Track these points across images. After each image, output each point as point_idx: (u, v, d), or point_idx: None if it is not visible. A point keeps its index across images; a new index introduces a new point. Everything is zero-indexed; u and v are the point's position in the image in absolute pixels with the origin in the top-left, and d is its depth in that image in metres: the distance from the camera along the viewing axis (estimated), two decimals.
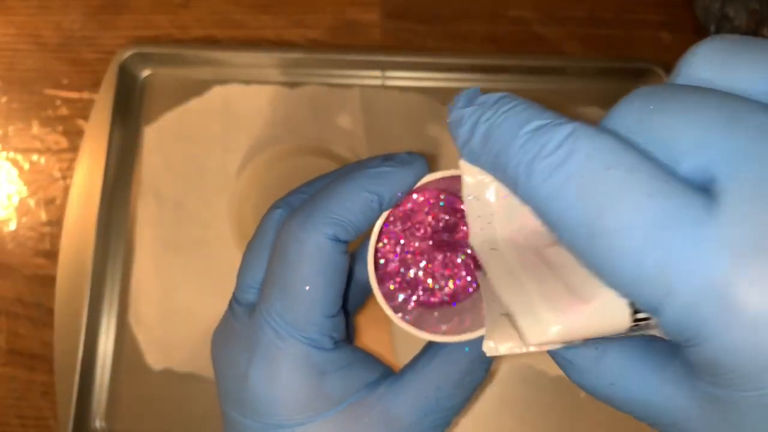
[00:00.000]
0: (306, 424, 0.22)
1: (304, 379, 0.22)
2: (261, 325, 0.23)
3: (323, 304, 0.22)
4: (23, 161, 0.44)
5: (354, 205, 0.22)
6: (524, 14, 0.46)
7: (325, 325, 0.23)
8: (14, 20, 0.46)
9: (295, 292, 0.22)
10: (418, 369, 0.24)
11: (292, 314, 0.22)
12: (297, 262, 0.22)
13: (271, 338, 0.22)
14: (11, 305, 0.42)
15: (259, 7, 0.46)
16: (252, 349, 0.23)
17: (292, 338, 0.22)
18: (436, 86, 0.44)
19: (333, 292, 0.23)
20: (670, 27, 0.46)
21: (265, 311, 0.23)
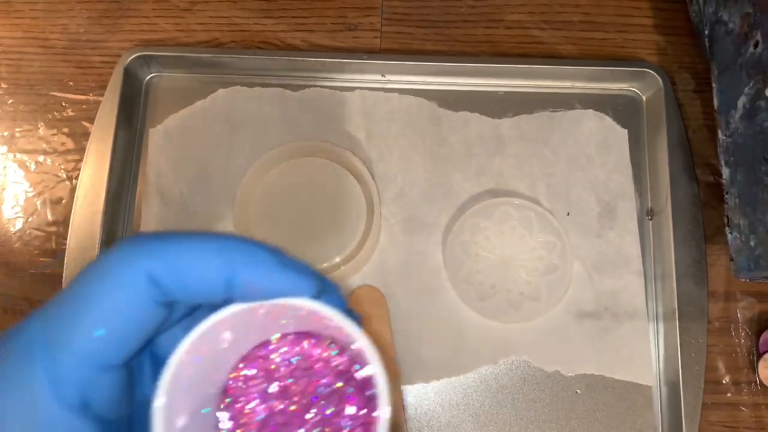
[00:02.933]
0: None
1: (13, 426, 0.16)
2: (20, 328, 0.18)
3: (98, 341, 0.17)
4: (30, 162, 0.45)
5: (197, 263, 0.18)
6: (521, 18, 0.47)
7: (83, 370, 0.17)
8: (21, 24, 0.47)
9: (73, 309, 0.17)
10: None
11: (55, 329, 0.17)
12: (95, 279, 0.18)
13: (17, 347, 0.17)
14: (18, 304, 0.43)
15: (262, 12, 0.47)
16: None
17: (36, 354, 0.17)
18: (435, 89, 0.45)
19: (119, 336, 0.17)
20: (665, 30, 0.47)
21: (34, 314, 0.18)
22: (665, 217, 0.42)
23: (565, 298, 0.41)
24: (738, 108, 0.38)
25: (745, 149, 0.37)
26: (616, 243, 0.42)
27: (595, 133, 0.44)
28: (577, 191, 0.43)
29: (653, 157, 0.44)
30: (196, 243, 0.18)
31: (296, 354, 0.21)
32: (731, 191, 0.38)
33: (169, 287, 0.18)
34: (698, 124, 0.45)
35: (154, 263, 0.17)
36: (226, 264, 0.18)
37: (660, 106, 0.43)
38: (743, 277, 0.37)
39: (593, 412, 0.40)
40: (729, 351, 0.41)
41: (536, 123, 0.44)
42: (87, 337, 0.17)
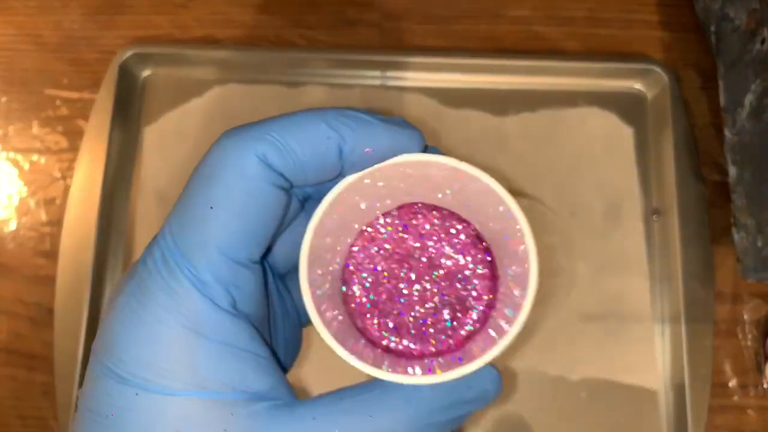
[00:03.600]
0: (150, 393, 0.17)
1: (171, 329, 0.17)
2: (150, 249, 0.18)
3: (229, 237, 0.17)
4: (23, 161, 0.44)
5: (304, 134, 0.18)
6: (524, 14, 0.46)
7: (224, 270, 0.17)
8: (14, 20, 0.46)
9: (196, 211, 0.17)
10: (322, 405, 0.18)
11: (185, 237, 0.17)
12: (209, 176, 0.17)
13: (154, 263, 0.17)
14: (11, 305, 0.42)
15: (259, 7, 0.46)
16: (131, 274, 0.18)
17: (176, 267, 0.17)
18: (435, 86, 0.44)
19: (247, 228, 0.17)
20: (670, 26, 0.46)
21: (162, 232, 0.18)
22: (671, 217, 0.41)
23: (569, 300, 0.41)
24: (745, 106, 0.38)
25: (752, 147, 0.37)
26: (621, 243, 0.42)
27: (599, 131, 0.43)
28: (582, 190, 0.42)
29: (659, 156, 0.43)
30: (298, 118, 0.18)
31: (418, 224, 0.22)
32: (738, 190, 0.38)
33: (283, 167, 0.18)
34: (704, 122, 0.44)
35: (264, 146, 0.17)
36: (333, 130, 0.18)
37: (666, 103, 0.43)
38: (750, 278, 0.37)
39: (598, 416, 0.39)
40: (736, 353, 0.41)
41: (539, 121, 0.44)
42: (221, 237, 0.17)
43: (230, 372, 0.17)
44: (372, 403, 0.18)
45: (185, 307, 0.17)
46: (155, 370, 0.17)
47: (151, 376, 0.17)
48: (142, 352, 0.17)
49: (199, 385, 0.17)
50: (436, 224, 0.22)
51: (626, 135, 0.43)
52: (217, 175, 0.17)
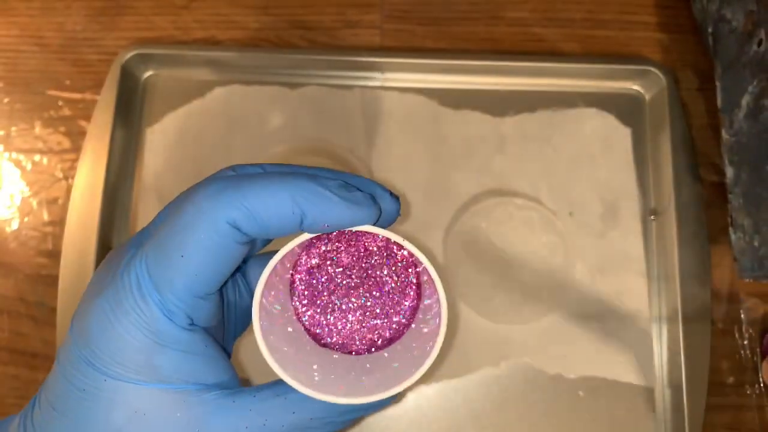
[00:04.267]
0: (114, 380, 0.21)
1: (136, 338, 0.21)
2: (129, 266, 0.22)
3: (193, 280, 0.21)
4: (26, 161, 0.44)
5: (272, 206, 0.21)
6: (523, 15, 0.46)
7: (186, 302, 0.21)
8: (17, 22, 0.47)
9: (169, 256, 0.21)
10: (258, 397, 0.23)
11: (159, 274, 0.21)
12: (184, 229, 0.21)
13: (129, 283, 0.21)
14: (13, 304, 0.42)
15: (260, 9, 0.46)
16: (110, 283, 0.22)
17: (148, 294, 0.21)
18: (435, 87, 0.44)
19: (210, 274, 0.21)
20: (668, 28, 0.46)
21: (138, 256, 0.22)
22: (668, 217, 0.41)
23: (567, 299, 0.41)
24: (742, 107, 0.38)
25: (749, 148, 0.37)
26: (619, 243, 0.42)
27: (597, 131, 0.44)
28: (580, 191, 0.43)
29: (656, 156, 0.43)
30: (268, 189, 0.21)
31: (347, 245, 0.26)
32: (735, 191, 0.38)
33: (248, 229, 0.21)
34: (702, 122, 0.44)
35: (235, 213, 0.21)
36: (297, 206, 0.21)
37: (663, 104, 0.43)
38: (747, 277, 0.37)
39: (595, 415, 0.40)
40: (733, 352, 0.41)
41: (538, 122, 0.44)
42: (186, 279, 0.21)
43: (185, 370, 0.22)
44: (297, 403, 0.23)
45: (151, 325, 0.21)
46: (121, 366, 0.21)
47: (118, 369, 0.21)
48: (113, 352, 0.21)
49: (158, 379, 0.22)
50: (380, 246, 0.26)
51: (624, 136, 0.44)
52: (191, 228, 0.21)
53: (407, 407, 0.40)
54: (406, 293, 0.26)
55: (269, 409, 0.22)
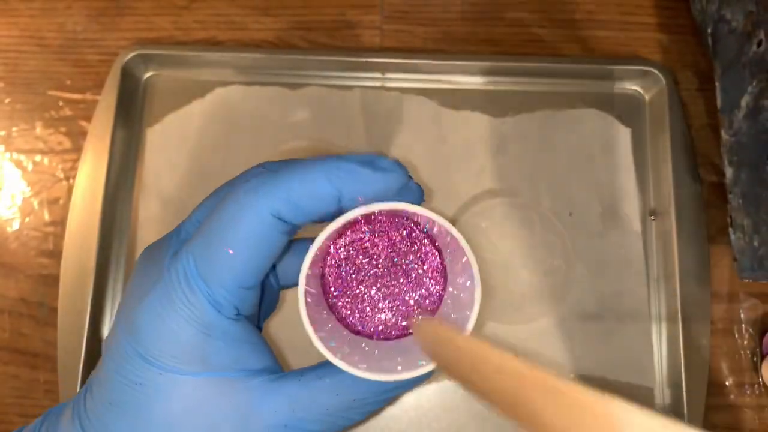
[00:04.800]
0: (169, 373, 0.22)
1: (187, 331, 0.22)
2: (176, 262, 0.22)
3: (240, 272, 0.22)
4: (27, 162, 0.44)
5: (311, 191, 0.22)
6: (523, 16, 0.46)
7: (234, 293, 0.22)
8: (17, 22, 0.47)
9: (217, 251, 0.22)
10: (303, 380, 0.23)
11: (207, 269, 0.22)
12: (229, 224, 0.22)
13: (178, 279, 0.22)
14: (15, 305, 0.42)
15: (261, 9, 0.47)
16: (157, 280, 0.22)
17: (197, 288, 0.22)
18: (435, 88, 0.44)
19: (256, 265, 0.22)
20: (667, 29, 0.46)
21: (185, 251, 0.22)
22: (668, 218, 0.41)
23: (567, 300, 0.41)
24: (741, 107, 0.38)
25: (749, 149, 0.37)
26: (618, 244, 0.42)
27: (597, 132, 0.44)
28: (580, 191, 0.43)
29: (656, 157, 0.43)
30: (306, 174, 0.22)
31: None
32: (735, 191, 0.38)
33: (291, 218, 0.22)
34: (701, 123, 0.44)
35: (278, 203, 0.21)
36: (334, 187, 0.22)
37: (663, 105, 0.43)
38: (747, 277, 0.37)
39: None
40: (732, 352, 0.41)
41: (538, 122, 0.44)
42: (234, 272, 0.22)
43: (232, 358, 0.23)
44: (341, 385, 0.23)
45: (200, 317, 0.22)
46: (175, 359, 0.22)
47: (171, 363, 0.22)
48: (165, 346, 0.22)
49: (209, 369, 0.22)
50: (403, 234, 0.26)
51: (624, 136, 0.44)
52: (237, 222, 0.22)
53: (407, 407, 0.40)
54: (433, 278, 0.26)
55: (314, 392, 0.23)
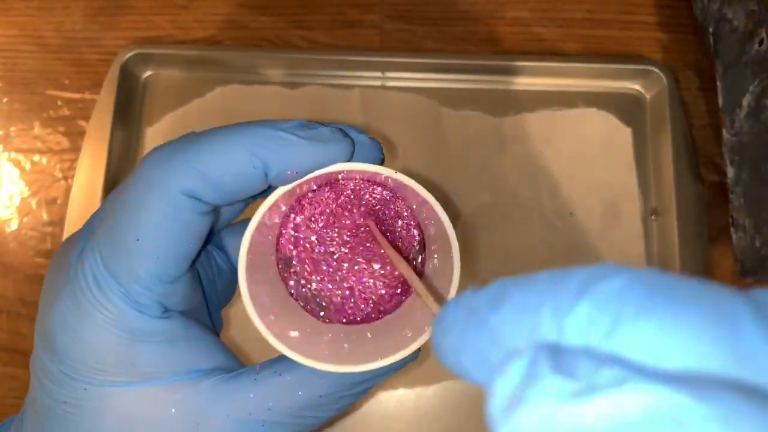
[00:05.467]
0: (96, 387, 0.19)
1: (106, 339, 0.18)
2: (82, 260, 0.19)
3: (155, 264, 0.18)
4: (25, 161, 0.44)
5: (228, 164, 0.18)
6: (523, 15, 0.46)
7: (154, 288, 0.19)
8: (16, 21, 0.46)
9: (124, 241, 0.18)
10: (259, 379, 0.20)
11: (116, 264, 0.18)
12: (135, 207, 0.18)
13: (86, 282, 0.18)
14: (13, 305, 0.42)
15: (260, 9, 0.46)
16: (65, 283, 0.19)
17: (108, 289, 0.18)
18: (435, 87, 0.44)
19: (173, 253, 0.18)
20: (669, 28, 0.46)
21: (89, 250, 0.19)
22: (669, 217, 0.41)
23: None
24: (743, 106, 0.38)
25: (750, 148, 0.37)
26: (619, 243, 0.42)
27: (598, 131, 0.44)
28: (580, 191, 0.43)
29: (657, 156, 0.43)
30: (220, 144, 0.18)
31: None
32: (736, 191, 0.38)
33: (208, 196, 0.18)
34: (703, 122, 0.44)
35: (188, 180, 0.18)
36: (256, 158, 0.18)
37: (664, 104, 0.43)
38: (748, 277, 0.37)
39: None
40: None
41: (538, 121, 0.44)
42: (148, 265, 0.18)
43: (169, 362, 0.19)
44: (303, 381, 0.20)
45: (120, 322, 0.19)
46: (98, 370, 0.19)
47: (95, 375, 0.19)
48: (85, 359, 0.19)
49: (142, 377, 0.19)
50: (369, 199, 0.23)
51: (625, 135, 0.44)
52: (142, 205, 0.18)
53: (407, 407, 0.40)
54: (404, 248, 0.23)
55: (273, 392, 0.20)
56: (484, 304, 0.12)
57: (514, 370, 0.10)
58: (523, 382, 0.10)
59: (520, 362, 0.10)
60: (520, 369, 0.10)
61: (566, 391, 0.09)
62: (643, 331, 0.10)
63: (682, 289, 0.11)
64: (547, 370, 0.10)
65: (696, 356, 0.10)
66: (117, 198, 0.19)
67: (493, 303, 0.12)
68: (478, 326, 0.12)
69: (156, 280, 0.18)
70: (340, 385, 0.20)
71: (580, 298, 0.11)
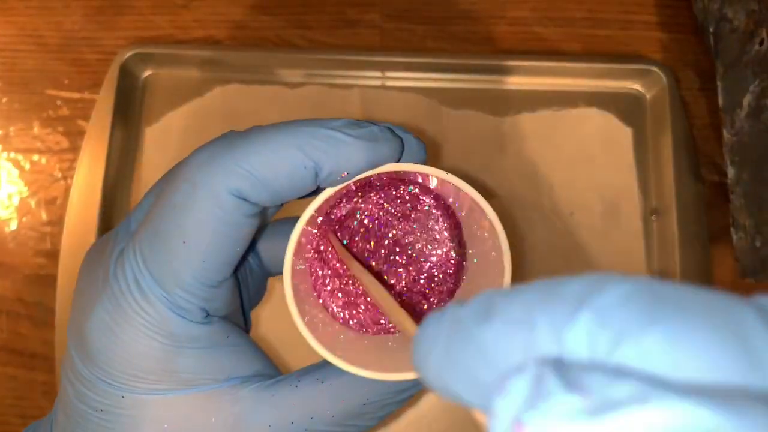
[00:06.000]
0: (134, 395, 0.18)
1: (147, 345, 0.18)
2: (122, 262, 0.18)
3: (201, 267, 0.18)
4: (24, 161, 0.44)
5: (279, 163, 0.17)
6: (523, 15, 0.46)
7: (198, 293, 0.18)
8: (15, 21, 0.46)
9: (169, 244, 0.17)
10: (301, 386, 0.19)
11: (159, 267, 0.18)
12: (181, 208, 0.17)
13: (127, 285, 0.18)
14: (12, 305, 0.42)
15: (260, 8, 0.46)
16: (104, 287, 0.18)
17: (151, 293, 0.18)
18: (435, 87, 0.44)
19: (220, 257, 0.18)
20: (669, 27, 0.46)
21: (131, 248, 0.18)
22: (669, 217, 0.41)
23: None
24: (743, 106, 0.38)
25: (751, 148, 0.37)
26: (619, 243, 0.42)
27: (598, 131, 0.44)
28: (580, 191, 0.43)
29: (657, 156, 0.43)
30: (271, 143, 0.18)
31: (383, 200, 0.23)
32: (736, 191, 0.38)
33: (257, 197, 0.18)
34: (703, 122, 0.44)
35: (237, 180, 0.17)
36: (308, 158, 0.18)
37: (664, 104, 0.43)
38: (748, 278, 0.37)
39: None
40: None
41: (539, 121, 0.44)
42: (194, 268, 0.17)
43: (210, 368, 0.19)
44: (347, 388, 0.19)
45: (161, 327, 0.18)
46: (137, 377, 0.18)
47: (134, 383, 0.18)
48: (124, 365, 0.18)
49: (182, 384, 0.19)
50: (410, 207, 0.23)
51: (625, 135, 0.44)
52: (189, 206, 0.17)
53: (407, 407, 0.40)
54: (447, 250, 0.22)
55: (315, 400, 0.19)
56: (470, 316, 0.11)
57: (518, 387, 0.10)
58: (529, 400, 0.09)
59: (523, 379, 0.10)
60: (523, 386, 0.09)
61: (580, 408, 0.09)
62: (652, 342, 0.09)
63: (687, 297, 0.10)
64: (556, 387, 0.09)
65: (708, 367, 0.09)
66: (160, 199, 0.18)
67: (481, 316, 0.11)
68: (465, 341, 0.11)
69: (200, 285, 0.18)
70: (384, 393, 0.19)
71: (580, 309, 0.10)
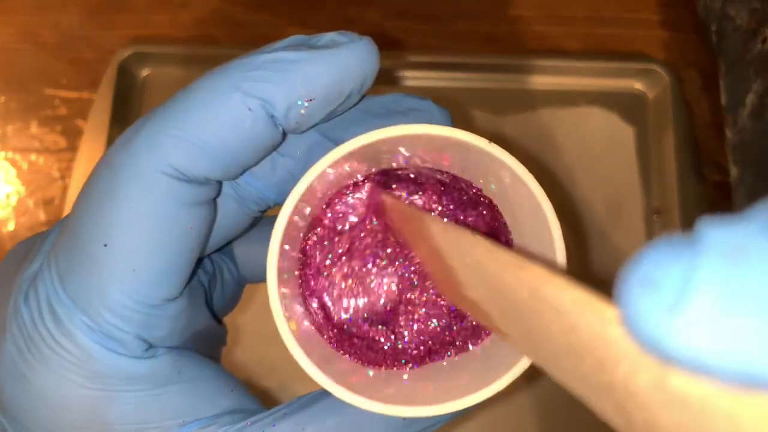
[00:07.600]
0: None
1: (73, 395, 0.13)
2: (34, 286, 0.14)
3: (132, 278, 0.13)
4: (22, 161, 0.44)
5: (214, 115, 0.13)
6: (525, 13, 0.46)
7: (132, 316, 0.13)
8: (13, 20, 0.46)
9: (87, 250, 0.13)
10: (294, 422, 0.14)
11: (79, 284, 0.13)
12: (99, 201, 0.13)
13: (39, 313, 0.13)
14: None
15: (259, 6, 0.46)
16: (13, 315, 0.14)
17: (70, 324, 0.13)
18: (436, 86, 0.44)
19: (156, 264, 0.13)
20: (671, 26, 0.46)
21: (46, 265, 0.14)
22: (672, 217, 0.41)
23: None
24: (746, 105, 0.37)
25: (754, 147, 0.37)
26: (622, 243, 0.41)
27: (600, 130, 0.43)
28: (583, 190, 0.42)
29: (660, 156, 0.43)
30: (203, 95, 0.13)
31: None
32: (739, 190, 0.38)
33: (199, 167, 0.13)
34: (706, 121, 0.44)
35: (166, 153, 0.12)
36: (249, 95, 0.13)
37: (667, 103, 0.43)
38: None
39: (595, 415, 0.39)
40: None
41: (540, 121, 0.43)
42: (123, 281, 0.13)
43: (157, 415, 0.14)
44: (352, 425, 0.15)
45: (85, 366, 0.13)
46: (59, 430, 0.14)
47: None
48: (42, 420, 0.13)
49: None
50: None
51: (627, 135, 0.43)
52: (109, 197, 0.13)
53: None
54: None
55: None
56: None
57: None
58: None
59: None
60: None
61: None
62: None
63: None
64: None
65: None
66: (80, 196, 0.14)
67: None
68: None
69: (134, 304, 0.13)
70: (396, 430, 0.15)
71: None
